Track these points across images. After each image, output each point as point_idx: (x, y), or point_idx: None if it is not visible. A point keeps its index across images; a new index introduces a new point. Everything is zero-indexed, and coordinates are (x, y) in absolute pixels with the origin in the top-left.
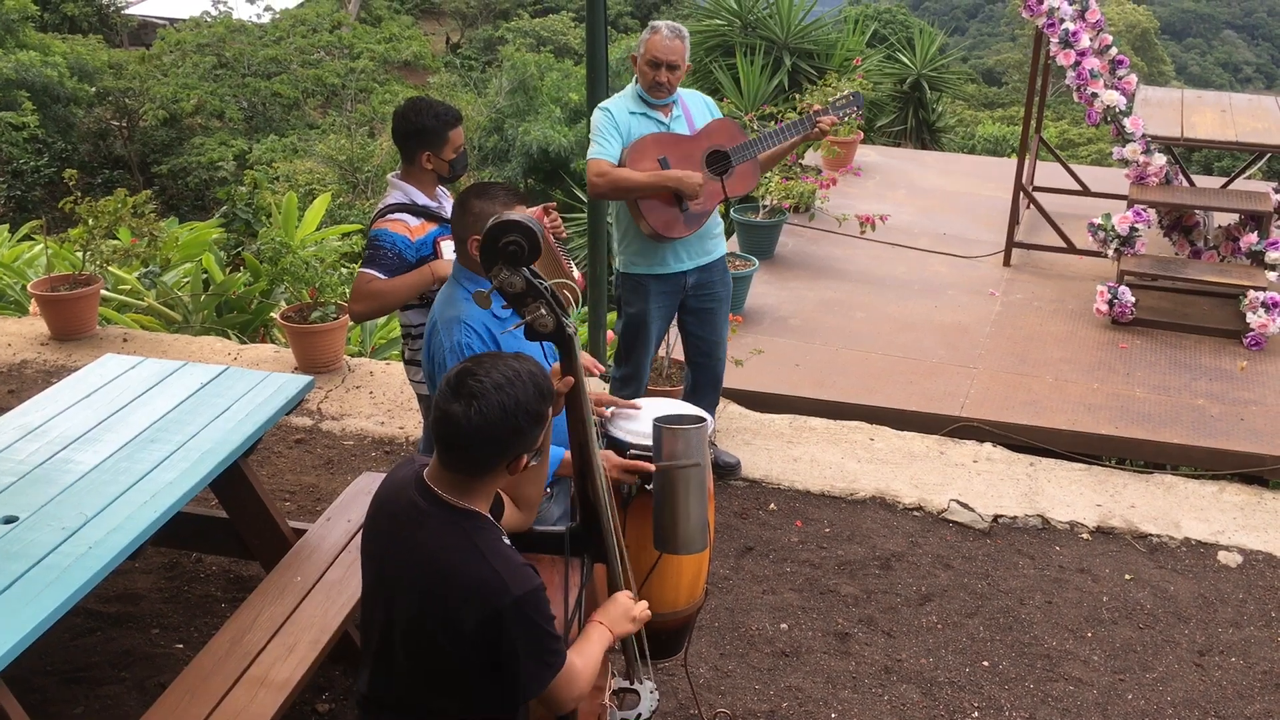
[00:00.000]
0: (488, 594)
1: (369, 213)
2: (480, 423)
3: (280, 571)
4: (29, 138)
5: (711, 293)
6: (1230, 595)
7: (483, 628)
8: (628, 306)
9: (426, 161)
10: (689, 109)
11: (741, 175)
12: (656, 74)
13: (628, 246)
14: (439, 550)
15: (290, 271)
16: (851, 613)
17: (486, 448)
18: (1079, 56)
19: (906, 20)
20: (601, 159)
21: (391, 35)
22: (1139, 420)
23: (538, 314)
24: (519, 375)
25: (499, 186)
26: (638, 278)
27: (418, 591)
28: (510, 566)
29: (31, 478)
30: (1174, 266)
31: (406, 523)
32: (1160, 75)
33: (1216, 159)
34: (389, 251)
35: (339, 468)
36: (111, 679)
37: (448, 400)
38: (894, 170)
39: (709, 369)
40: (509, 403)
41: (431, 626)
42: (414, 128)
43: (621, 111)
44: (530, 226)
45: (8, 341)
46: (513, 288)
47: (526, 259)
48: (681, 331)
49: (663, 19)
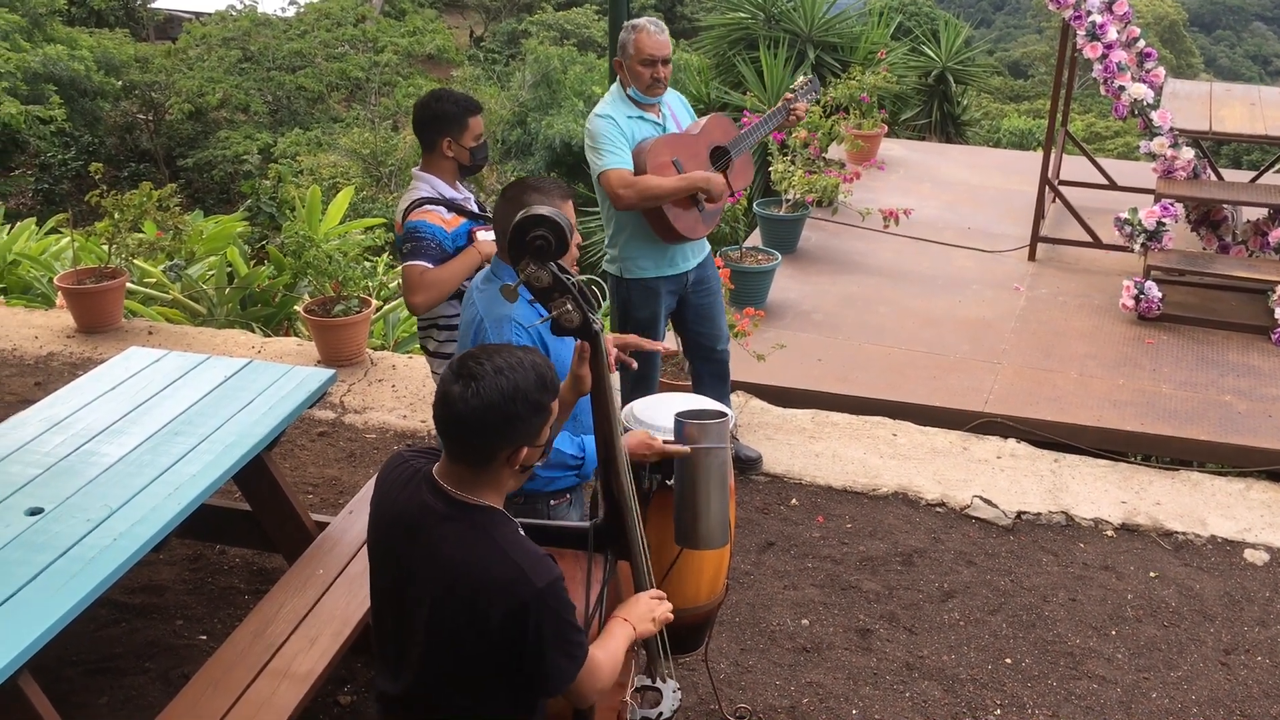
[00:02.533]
0: (511, 588)
1: (392, 206)
2: (477, 404)
3: (303, 564)
4: (56, 131)
5: (707, 286)
6: (1257, 594)
7: (508, 622)
8: (636, 311)
9: (447, 148)
10: (672, 108)
11: (740, 168)
12: (652, 70)
13: (635, 251)
14: (458, 548)
15: (314, 265)
16: (873, 609)
17: (484, 432)
18: (1106, 49)
19: (932, 13)
20: (622, 169)
21: (415, 29)
22: (1165, 417)
23: (564, 309)
24: (521, 363)
25: (551, 182)
26: (648, 281)
27: (439, 591)
28: (531, 559)
29: (57, 469)
30: (1201, 261)
31: (421, 524)
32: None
33: (1246, 153)
34: (431, 242)
35: (361, 461)
36: (136, 670)
37: (448, 382)
38: (918, 164)
39: (716, 361)
40: (508, 387)
41: (455, 625)
42: (434, 114)
43: (621, 117)
44: (558, 221)
45: (34, 334)
46: (539, 282)
47: (554, 253)
48: (682, 330)
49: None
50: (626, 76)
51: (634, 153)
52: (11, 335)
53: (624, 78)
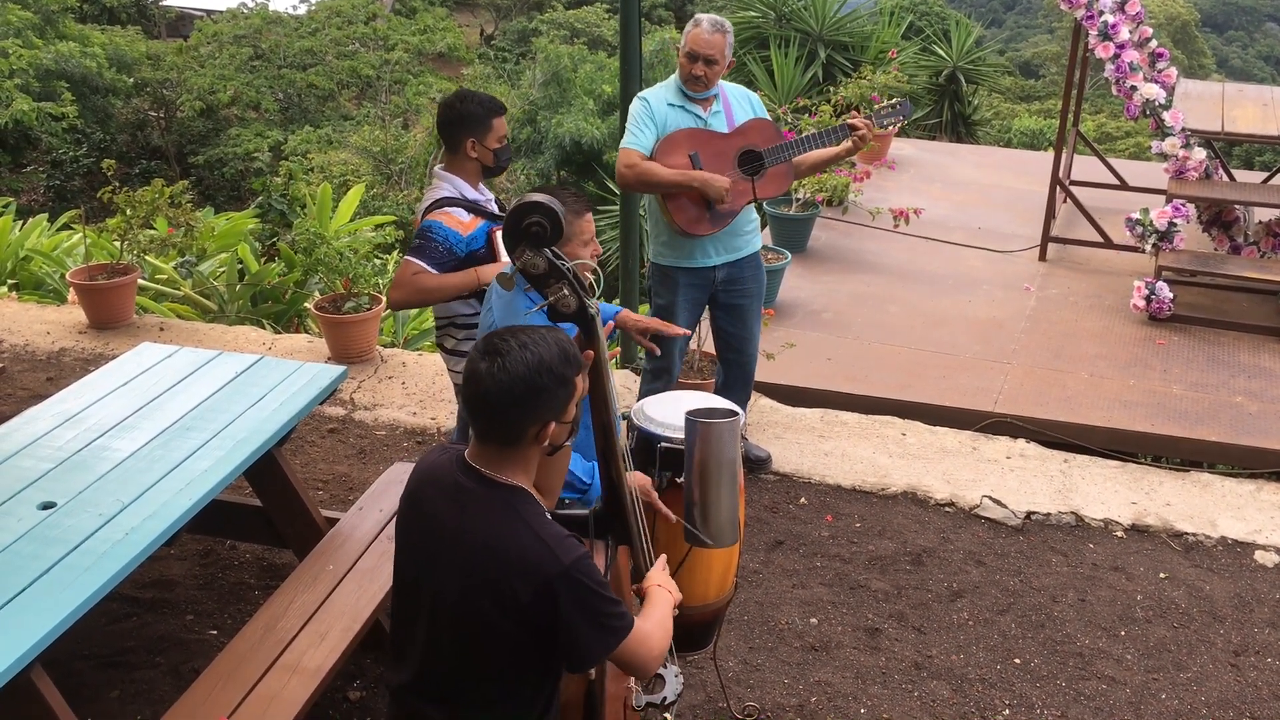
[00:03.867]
0: (538, 565)
1: (403, 204)
2: (505, 379)
3: (313, 560)
4: (68, 128)
5: (743, 289)
6: (1267, 595)
7: (537, 599)
8: (657, 298)
9: (471, 149)
10: (730, 104)
11: (773, 177)
12: (693, 67)
13: (658, 237)
14: (486, 526)
15: (324, 262)
16: (882, 608)
17: (512, 408)
18: (1118, 49)
19: (943, 12)
20: (633, 150)
21: (426, 27)
22: (1175, 417)
23: (560, 294)
24: (544, 338)
25: (568, 191)
26: (667, 269)
27: (469, 570)
28: (556, 537)
29: (69, 464)
30: (1213, 262)
31: (452, 503)
32: (1200, 68)
33: (1258, 154)
34: (440, 244)
35: (371, 458)
36: (146, 664)
37: (475, 361)
38: (929, 163)
39: (740, 365)
40: (533, 360)
41: (484, 605)
42: (459, 114)
43: (659, 103)
44: (552, 207)
45: (46, 329)
46: (535, 269)
47: (549, 240)
48: (712, 327)
49: (701, 11)
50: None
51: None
52: (24, 330)
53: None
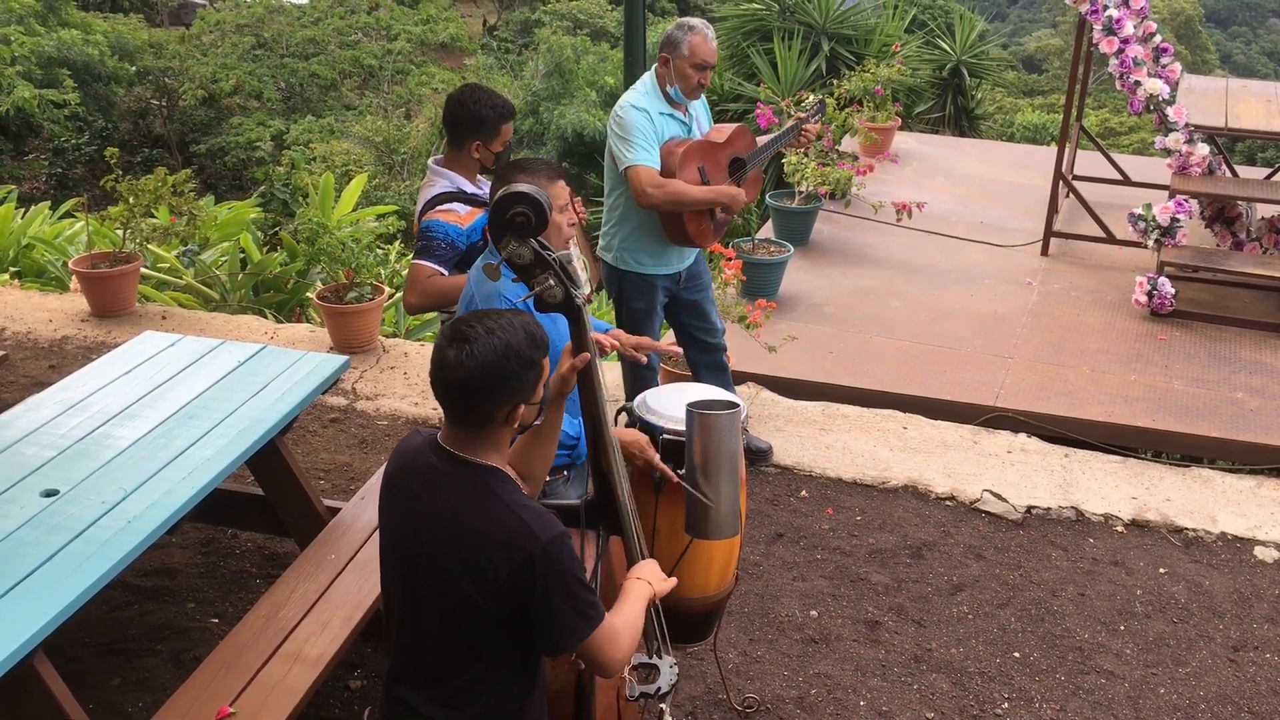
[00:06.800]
0: (517, 541)
1: (405, 194)
2: (473, 365)
3: (314, 549)
4: (70, 116)
5: (699, 282)
6: (1266, 591)
7: (515, 577)
8: (633, 302)
9: (475, 151)
10: (695, 109)
11: (752, 181)
12: (701, 76)
13: (636, 244)
14: (463, 505)
15: (326, 252)
16: (882, 601)
17: (481, 393)
18: (1122, 44)
19: (947, 6)
20: (653, 168)
21: (428, 17)
22: (1176, 413)
23: (546, 285)
24: (511, 323)
25: (540, 162)
26: (648, 277)
27: (446, 550)
28: (534, 514)
29: (72, 452)
30: (1215, 258)
31: (427, 485)
32: (1204, 64)
33: (1261, 149)
34: (442, 243)
35: (373, 447)
36: (148, 651)
37: (443, 348)
38: (932, 157)
39: (713, 354)
40: (500, 345)
41: (464, 584)
42: (469, 115)
43: (654, 113)
44: (537, 197)
45: (49, 317)
46: (521, 259)
47: (534, 230)
48: (675, 325)
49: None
50: (671, 74)
51: (662, 153)
52: (26, 318)
53: (666, 74)
